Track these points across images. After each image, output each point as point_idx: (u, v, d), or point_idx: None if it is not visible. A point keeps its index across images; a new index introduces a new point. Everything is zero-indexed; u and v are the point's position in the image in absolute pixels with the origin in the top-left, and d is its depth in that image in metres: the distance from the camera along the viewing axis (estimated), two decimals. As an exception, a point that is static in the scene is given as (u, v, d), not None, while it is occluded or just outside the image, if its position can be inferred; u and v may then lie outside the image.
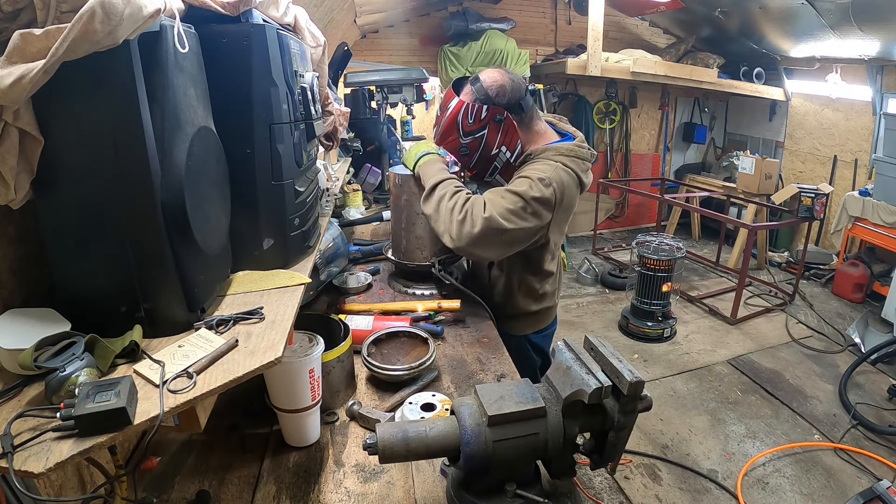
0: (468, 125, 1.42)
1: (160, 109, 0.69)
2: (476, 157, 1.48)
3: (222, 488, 0.94)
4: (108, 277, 0.73)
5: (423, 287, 1.73)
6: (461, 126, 1.43)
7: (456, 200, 1.35)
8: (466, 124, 1.42)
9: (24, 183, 0.65)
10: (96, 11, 0.54)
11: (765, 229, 5.14)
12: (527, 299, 1.61)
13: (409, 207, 1.66)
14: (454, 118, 1.43)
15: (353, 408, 1.12)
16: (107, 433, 0.57)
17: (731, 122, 6.66)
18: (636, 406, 0.79)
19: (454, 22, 4.88)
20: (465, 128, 1.43)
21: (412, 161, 1.53)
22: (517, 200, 1.33)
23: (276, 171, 0.96)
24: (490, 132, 1.43)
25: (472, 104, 1.41)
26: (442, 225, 1.37)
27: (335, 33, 3.38)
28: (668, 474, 2.48)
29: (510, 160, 1.48)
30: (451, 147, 1.49)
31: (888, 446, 2.62)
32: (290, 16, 1.06)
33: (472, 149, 1.46)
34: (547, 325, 1.72)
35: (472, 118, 1.41)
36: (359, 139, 2.82)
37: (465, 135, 1.44)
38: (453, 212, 1.33)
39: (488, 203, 1.33)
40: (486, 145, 1.45)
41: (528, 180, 1.35)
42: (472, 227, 1.30)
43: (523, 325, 1.66)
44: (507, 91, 1.42)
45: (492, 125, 1.42)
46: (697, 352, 3.63)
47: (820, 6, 3.91)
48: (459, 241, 1.34)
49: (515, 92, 1.43)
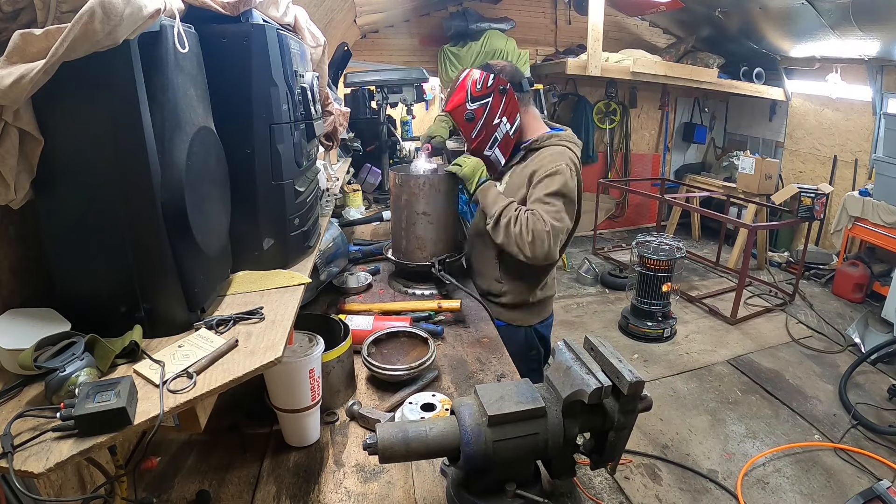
0: (476, 91, 1.59)
1: (160, 109, 0.69)
2: (479, 124, 1.61)
3: (222, 488, 0.94)
4: (107, 277, 0.73)
5: (423, 287, 1.73)
6: (470, 91, 1.60)
7: (520, 224, 1.47)
8: (475, 90, 1.60)
9: (24, 183, 0.65)
10: (96, 11, 0.54)
11: (765, 229, 5.14)
12: (534, 288, 1.71)
13: (410, 207, 1.66)
14: (465, 84, 1.61)
15: (353, 408, 1.12)
16: (107, 433, 0.57)
17: (731, 122, 6.66)
18: (636, 406, 0.79)
19: (454, 22, 4.88)
20: (474, 93, 1.59)
21: (475, 181, 1.61)
22: (557, 200, 1.50)
23: (276, 171, 0.96)
24: (494, 100, 1.59)
25: (481, 74, 1.60)
26: (514, 248, 1.50)
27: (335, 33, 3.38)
28: (668, 474, 2.48)
29: (509, 132, 1.63)
30: (458, 113, 1.63)
31: (888, 446, 2.61)
32: (290, 16, 1.06)
33: (476, 115, 1.61)
34: (549, 314, 1.84)
35: (480, 85, 1.59)
36: (359, 139, 2.82)
37: (473, 100, 1.60)
38: (521, 235, 1.47)
39: (544, 214, 1.47)
40: (490, 112, 1.60)
41: (555, 176, 1.50)
42: (543, 243, 1.46)
43: (529, 316, 1.76)
44: (509, 70, 1.62)
45: (496, 94, 1.59)
46: (697, 352, 3.63)
47: (820, 6, 3.91)
48: (535, 258, 1.48)
49: (517, 73, 1.64)
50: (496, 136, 1.62)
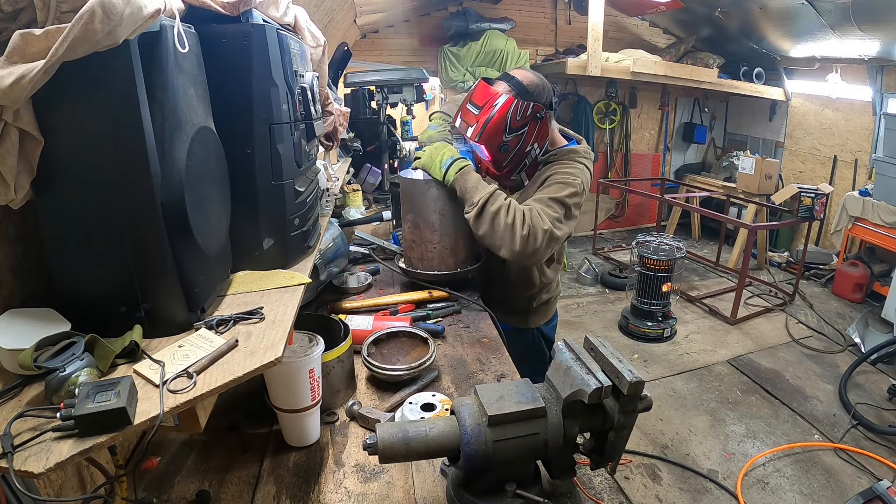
0: (515, 122, 1.43)
1: (160, 109, 0.69)
2: (512, 154, 1.49)
3: (222, 488, 0.94)
4: (107, 277, 0.73)
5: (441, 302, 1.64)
6: (509, 122, 1.43)
7: (514, 215, 1.35)
8: (514, 121, 1.43)
9: (24, 183, 0.65)
10: (96, 11, 0.54)
11: (765, 229, 5.14)
12: (541, 291, 1.70)
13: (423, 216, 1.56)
14: (503, 114, 1.42)
15: (353, 408, 1.12)
16: (107, 433, 0.57)
17: (731, 122, 6.66)
18: (636, 406, 0.79)
19: (454, 22, 4.88)
20: (513, 124, 1.43)
21: (438, 168, 1.46)
22: (560, 208, 1.40)
23: (276, 171, 0.96)
24: (530, 129, 1.46)
25: (521, 101, 1.43)
26: (499, 240, 1.37)
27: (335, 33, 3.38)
28: (668, 474, 2.48)
29: (538, 156, 1.53)
30: (493, 143, 1.47)
31: (888, 446, 2.62)
32: (290, 16, 1.06)
33: (511, 146, 1.47)
34: (553, 314, 1.82)
35: (520, 115, 1.43)
36: (359, 139, 2.82)
37: (510, 131, 1.44)
38: (514, 227, 1.34)
39: (542, 214, 1.37)
40: (524, 141, 1.47)
41: (565, 185, 1.43)
42: (535, 240, 1.34)
43: (535, 318, 1.74)
44: (543, 89, 1.47)
45: (532, 123, 1.45)
46: (697, 352, 3.63)
47: (820, 6, 3.91)
48: (522, 254, 1.36)
49: (549, 90, 1.49)
50: (525, 162, 1.53)
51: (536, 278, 1.68)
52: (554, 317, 1.84)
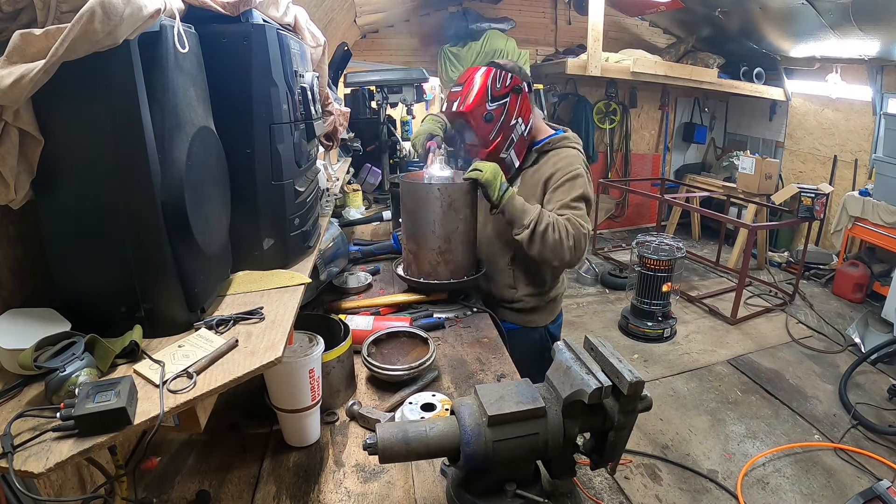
0: (496, 90, 1.54)
1: (160, 109, 0.69)
2: (498, 125, 1.56)
3: (222, 488, 0.94)
4: (107, 277, 0.73)
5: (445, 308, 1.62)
6: (490, 90, 1.54)
7: (559, 231, 1.46)
8: (494, 89, 1.54)
9: (24, 183, 0.65)
10: (96, 11, 0.54)
11: (765, 229, 5.14)
12: (547, 289, 1.73)
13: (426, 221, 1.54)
14: (485, 82, 1.54)
15: (353, 408, 1.12)
16: (107, 433, 0.57)
17: (731, 122, 6.66)
18: (636, 406, 0.79)
19: (454, 22, 4.88)
20: (493, 92, 1.54)
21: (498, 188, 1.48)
22: (582, 203, 1.53)
23: (276, 171, 0.96)
24: (511, 100, 1.56)
25: (499, 70, 1.55)
26: (550, 254, 1.48)
27: (335, 33, 3.38)
28: (668, 474, 2.48)
29: (524, 133, 1.61)
30: (477, 113, 1.56)
31: (888, 446, 2.61)
32: (290, 16, 1.06)
33: (495, 115, 1.56)
34: (559, 312, 1.86)
35: (500, 84, 1.55)
36: (359, 139, 2.82)
37: (493, 100, 1.55)
38: (562, 240, 1.45)
39: (575, 218, 1.48)
40: (507, 113, 1.57)
41: (577, 179, 1.53)
42: (581, 245, 1.48)
43: (543, 316, 1.77)
44: (520, 70, 1.60)
45: (513, 95, 1.56)
46: (697, 352, 3.63)
47: (820, 6, 3.91)
48: (572, 261, 1.49)
49: (524, 72, 1.62)
50: (512, 138, 1.59)
51: (547, 275, 1.71)
52: (560, 315, 1.86)
